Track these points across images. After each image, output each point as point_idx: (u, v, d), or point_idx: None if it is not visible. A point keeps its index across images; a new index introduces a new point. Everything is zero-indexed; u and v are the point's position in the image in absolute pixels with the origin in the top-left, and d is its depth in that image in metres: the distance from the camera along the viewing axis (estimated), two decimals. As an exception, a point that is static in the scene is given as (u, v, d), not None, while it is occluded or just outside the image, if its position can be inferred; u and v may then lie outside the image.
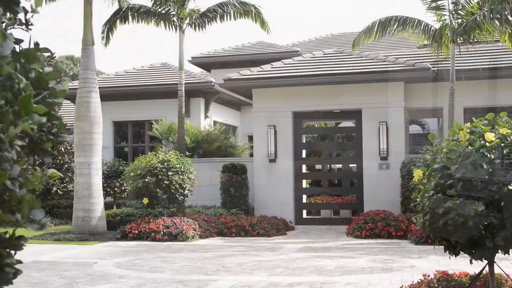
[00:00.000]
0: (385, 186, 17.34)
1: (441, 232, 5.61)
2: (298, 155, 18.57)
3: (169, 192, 15.14)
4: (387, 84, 17.61)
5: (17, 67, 1.77)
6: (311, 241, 14.15)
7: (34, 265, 10.68)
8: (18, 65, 1.78)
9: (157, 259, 11.19)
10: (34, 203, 2.14)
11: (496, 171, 5.42)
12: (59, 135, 2.20)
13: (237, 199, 17.61)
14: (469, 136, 5.68)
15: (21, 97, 1.64)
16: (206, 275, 9.32)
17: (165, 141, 20.30)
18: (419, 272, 8.90)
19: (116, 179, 19.76)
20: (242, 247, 12.97)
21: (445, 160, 5.71)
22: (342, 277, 8.95)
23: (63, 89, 2.11)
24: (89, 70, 15.86)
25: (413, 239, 13.20)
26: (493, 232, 5.29)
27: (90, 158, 15.59)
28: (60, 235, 15.27)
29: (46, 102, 2.07)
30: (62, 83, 19.07)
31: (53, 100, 2.10)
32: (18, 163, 1.95)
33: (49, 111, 2.09)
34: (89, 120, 15.61)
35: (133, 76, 23.56)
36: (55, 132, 2.19)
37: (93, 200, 15.55)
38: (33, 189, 7.52)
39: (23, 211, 2.04)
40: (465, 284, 6.00)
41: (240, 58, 26.51)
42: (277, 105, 18.44)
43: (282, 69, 18.72)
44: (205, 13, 18.13)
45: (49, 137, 2.11)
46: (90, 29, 15.92)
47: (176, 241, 14.18)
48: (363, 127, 17.80)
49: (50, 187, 19.21)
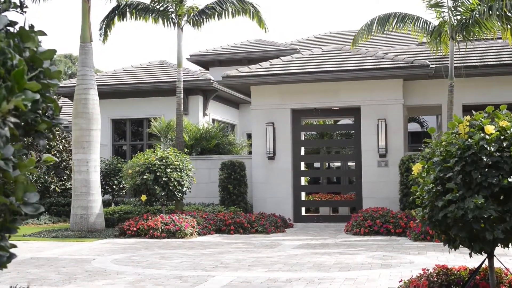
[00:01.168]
0: (384, 183, 17.33)
1: (441, 226, 5.59)
2: (296, 152, 18.53)
3: (168, 189, 15.10)
4: (385, 81, 17.60)
5: (11, 43, 1.74)
6: (310, 238, 14.12)
7: (32, 261, 10.64)
8: (11, 41, 1.75)
9: (155, 256, 11.16)
10: (29, 186, 2.11)
11: (496, 164, 5.39)
12: (54, 117, 2.16)
13: (235, 197, 17.57)
14: (469, 129, 5.65)
15: (14, 72, 1.60)
16: (204, 271, 9.29)
17: (164, 139, 20.26)
18: (418, 268, 8.89)
19: (114, 176, 19.72)
20: (241, 244, 12.94)
21: (445, 153, 5.69)
22: (340, 272, 8.92)
23: (58, 70, 2.07)
24: (87, 67, 15.81)
25: (412, 236, 13.18)
26: (493, 225, 5.26)
27: (88, 155, 15.54)
28: (58, 232, 15.23)
29: (41, 83, 2.03)
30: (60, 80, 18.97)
31: (48, 81, 2.07)
32: (14, 146, 1.91)
33: (43, 93, 2.06)
34: (87, 117, 15.56)
35: (132, 74, 23.51)
36: (50, 114, 2.15)
37: (91, 197, 15.51)
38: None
39: (18, 193, 2.01)
40: (464, 278, 5.98)
41: (239, 56, 26.49)
42: (276, 102, 18.41)
43: (280, 66, 18.69)
44: (203, 10, 18.09)
45: (44, 119, 2.07)
46: (88, 25, 15.86)
47: (174, 238, 14.15)
48: (362, 124, 17.77)
49: (48, 185, 19.17)
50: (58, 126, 2.27)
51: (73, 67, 55.85)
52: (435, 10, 16.07)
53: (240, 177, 17.66)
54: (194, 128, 20.19)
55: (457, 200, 5.39)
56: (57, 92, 20.87)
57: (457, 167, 5.49)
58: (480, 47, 18.60)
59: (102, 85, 21.53)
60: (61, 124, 2.22)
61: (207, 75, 22.44)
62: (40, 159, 2.33)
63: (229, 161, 17.78)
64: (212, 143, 19.81)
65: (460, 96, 17.00)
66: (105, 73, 24.24)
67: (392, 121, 17.45)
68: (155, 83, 22.16)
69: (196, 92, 22.31)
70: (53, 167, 19.97)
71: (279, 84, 18.28)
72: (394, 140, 17.41)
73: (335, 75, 17.65)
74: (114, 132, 23.22)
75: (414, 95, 17.89)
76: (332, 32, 32.45)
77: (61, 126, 2.24)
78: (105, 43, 18.11)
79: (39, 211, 2.02)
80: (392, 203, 16.79)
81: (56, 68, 2.10)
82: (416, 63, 17.17)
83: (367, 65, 17.67)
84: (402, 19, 16.05)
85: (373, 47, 22.56)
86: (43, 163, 2.33)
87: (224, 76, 18.57)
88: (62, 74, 2.75)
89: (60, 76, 2.14)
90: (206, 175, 18.94)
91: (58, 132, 20.14)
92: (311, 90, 18.18)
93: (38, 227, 17.32)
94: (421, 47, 19.86)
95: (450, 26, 15.72)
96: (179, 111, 17.85)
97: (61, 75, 2.12)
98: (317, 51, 19.88)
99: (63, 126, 2.26)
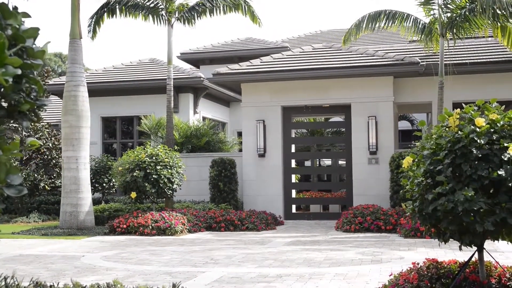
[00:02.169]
0: (375, 180, 17.34)
1: (431, 219, 5.57)
2: (287, 150, 18.52)
3: (158, 186, 15.05)
4: (376, 78, 17.61)
5: (-9, 18, 1.70)
6: (301, 235, 14.11)
7: (21, 258, 10.57)
8: (-8, 17, 1.71)
9: (145, 252, 11.10)
10: (12, 168, 2.07)
11: (486, 156, 5.39)
12: (38, 98, 2.12)
13: (226, 194, 17.53)
14: (459, 122, 5.64)
15: (-6, 46, 1.56)
16: (194, 267, 9.25)
17: (154, 136, 20.19)
18: (408, 264, 8.86)
19: (104, 175, 19.62)
20: (231, 241, 12.91)
21: (435, 146, 5.68)
22: (331, 268, 8.90)
23: (42, 49, 2.03)
24: (76, 63, 15.72)
25: (402, 232, 13.19)
26: (483, 218, 5.25)
27: (78, 152, 15.46)
28: (47, 230, 15.13)
29: (25, 63, 1.99)
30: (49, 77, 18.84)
31: (32, 61, 2.02)
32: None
33: (27, 73, 2.02)
34: (77, 114, 15.47)
35: (122, 72, 23.41)
36: (34, 96, 2.11)
37: (81, 194, 15.42)
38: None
39: (0, 175, 1.96)
40: (454, 271, 5.97)
41: (229, 54, 26.43)
42: (266, 100, 18.39)
43: (271, 63, 18.67)
44: (194, 7, 18.02)
45: (27, 99, 2.03)
46: (78, 22, 15.77)
47: (164, 236, 14.10)
48: (353, 122, 17.78)
49: (38, 183, 19.05)
50: (43, 108, 2.22)
51: (63, 65, 55.60)
52: (425, 7, 16.10)
53: (231, 175, 17.62)
54: (184, 125, 20.12)
55: (447, 193, 5.38)
56: (46, 90, 20.74)
57: (447, 160, 5.48)
58: (471, 45, 18.67)
59: (92, 83, 21.43)
60: (45, 106, 2.17)
61: (197, 73, 22.39)
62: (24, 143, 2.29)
63: (220, 159, 17.73)
64: (203, 140, 19.76)
65: (450, 93, 17.05)
66: (95, 71, 24.13)
67: (382, 119, 17.46)
68: (145, 81, 22.08)
69: (186, 90, 22.25)
70: (42, 164, 19.85)
71: (269, 81, 18.26)
72: (384, 138, 17.43)
73: (325, 72, 17.64)
74: (104, 130, 23.12)
75: (404, 93, 17.92)
76: (322, 31, 32.45)
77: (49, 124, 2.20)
78: (94, 39, 18.02)
79: (22, 193, 1.98)
80: (383, 200, 16.80)
81: (40, 48, 2.06)
82: (406, 60, 17.20)
83: (358, 63, 17.67)
84: (392, 16, 16.05)
85: (364, 46, 22.58)
86: (27, 147, 2.28)
87: (214, 73, 18.53)
88: (45, 54, 2.67)
89: (44, 56, 2.10)
90: (196, 173, 18.89)
91: (47, 128, 20.02)
92: (301, 88, 18.16)
93: (28, 225, 17.21)
94: (412, 45, 19.91)
95: (440, 23, 15.74)
96: (169, 108, 17.78)
97: (45, 55, 2.08)
98: (308, 48, 19.87)
99: (52, 124, 2.21)
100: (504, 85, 17.34)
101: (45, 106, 2.16)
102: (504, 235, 5.60)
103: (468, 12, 14.99)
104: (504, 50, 17.62)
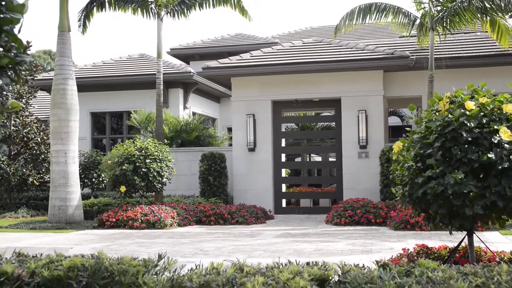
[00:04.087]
0: (365, 174, 17.33)
1: (420, 203, 5.55)
2: (277, 144, 18.47)
3: (147, 180, 14.97)
4: (366, 72, 17.60)
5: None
6: (291, 228, 14.07)
7: (9, 250, 10.45)
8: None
9: (134, 244, 11.03)
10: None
11: (475, 140, 5.37)
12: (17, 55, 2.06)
13: (216, 188, 17.47)
14: (449, 105, 5.62)
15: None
16: (183, 257, 9.19)
17: (144, 131, 20.09)
18: (398, 254, 8.86)
19: (93, 170, 19.50)
20: (221, 234, 12.86)
21: (425, 129, 5.65)
22: (321, 257, 8.86)
23: (22, 4, 1.97)
24: (65, 57, 15.61)
25: (393, 225, 13.19)
26: (473, 201, 5.23)
27: (67, 146, 15.35)
28: (36, 224, 15.02)
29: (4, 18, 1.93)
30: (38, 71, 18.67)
31: (11, 16, 1.96)
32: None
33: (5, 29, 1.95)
34: (66, 107, 15.36)
35: (111, 67, 23.28)
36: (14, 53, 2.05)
37: (70, 188, 15.32)
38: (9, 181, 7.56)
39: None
40: (444, 256, 5.95)
41: (219, 49, 26.38)
42: (256, 94, 18.33)
43: (261, 57, 18.61)
44: (183, 0, 17.92)
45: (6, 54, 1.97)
46: (66, 14, 15.65)
47: (154, 229, 14.03)
48: (343, 116, 17.75)
49: (26, 178, 18.89)
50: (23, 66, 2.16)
51: (52, 63, 55.30)
52: (416, 1, 16.10)
53: (221, 169, 17.55)
54: (174, 120, 20.04)
55: (437, 176, 5.36)
56: (35, 85, 20.58)
57: (437, 144, 5.46)
58: (461, 39, 18.69)
59: (81, 78, 21.29)
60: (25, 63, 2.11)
61: (187, 68, 22.29)
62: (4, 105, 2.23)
63: (210, 153, 17.66)
64: (193, 135, 19.69)
65: (440, 87, 17.03)
66: (85, 66, 23.98)
67: (372, 112, 17.45)
68: (135, 76, 21.96)
69: (176, 85, 22.15)
70: (31, 159, 19.69)
71: (259, 75, 18.21)
72: (374, 132, 17.42)
73: (315, 66, 17.61)
74: (93, 125, 22.99)
75: (394, 87, 17.91)
76: (313, 27, 32.43)
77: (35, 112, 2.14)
78: (84, 34, 17.88)
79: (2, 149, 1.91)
80: (373, 194, 16.80)
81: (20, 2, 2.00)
82: (396, 54, 17.19)
83: (348, 57, 17.65)
84: (383, 9, 16.04)
85: (355, 40, 22.56)
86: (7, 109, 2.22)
87: (204, 67, 18.45)
88: (26, 9, 2.59)
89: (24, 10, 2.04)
90: (186, 167, 18.82)
91: (36, 123, 19.85)
92: (292, 82, 18.12)
93: (16, 220, 17.07)
94: (402, 39, 19.90)
95: (431, 17, 15.75)
96: (159, 102, 17.68)
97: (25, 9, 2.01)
98: (298, 43, 19.83)
99: (41, 119, 2.15)
100: (493, 79, 17.34)
101: (25, 64, 2.10)
102: (494, 219, 5.59)
103: (457, 6, 14.99)
104: (493, 44, 17.65)
